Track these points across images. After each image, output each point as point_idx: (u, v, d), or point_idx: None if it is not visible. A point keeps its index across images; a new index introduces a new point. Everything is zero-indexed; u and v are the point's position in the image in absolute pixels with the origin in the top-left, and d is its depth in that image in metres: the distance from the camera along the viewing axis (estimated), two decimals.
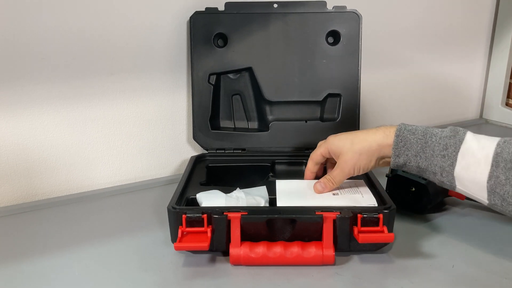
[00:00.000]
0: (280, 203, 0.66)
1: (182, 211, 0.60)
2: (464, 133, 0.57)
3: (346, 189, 0.69)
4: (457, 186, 0.57)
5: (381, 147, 0.62)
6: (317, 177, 0.72)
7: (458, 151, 0.56)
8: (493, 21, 1.25)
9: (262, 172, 0.83)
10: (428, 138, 0.59)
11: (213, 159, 0.86)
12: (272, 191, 0.71)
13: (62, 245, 0.66)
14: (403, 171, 0.74)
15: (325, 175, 0.68)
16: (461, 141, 0.56)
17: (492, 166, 0.54)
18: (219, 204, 0.65)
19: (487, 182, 0.54)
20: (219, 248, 0.61)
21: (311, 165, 0.71)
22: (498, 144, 0.55)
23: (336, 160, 0.67)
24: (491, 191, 0.54)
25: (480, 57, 1.28)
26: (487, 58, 1.29)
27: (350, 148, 0.63)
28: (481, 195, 0.55)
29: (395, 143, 0.60)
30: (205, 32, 0.86)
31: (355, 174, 0.65)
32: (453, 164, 0.56)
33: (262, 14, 0.86)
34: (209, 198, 0.67)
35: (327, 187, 0.67)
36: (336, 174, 0.66)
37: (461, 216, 0.74)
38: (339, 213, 0.60)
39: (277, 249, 0.59)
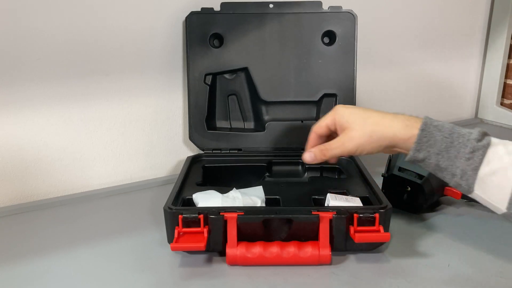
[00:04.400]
0: None
1: (179, 212, 0.60)
2: (490, 137, 0.55)
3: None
4: (474, 191, 0.54)
5: (397, 138, 0.57)
6: None
7: (485, 155, 0.53)
8: (488, 21, 1.26)
9: (258, 172, 0.83)
10: (454, 138, 0.55)
11: (209, 159, 0.86)
12: (268, 191, 0.71)
13: (58, 246, 0.66)
14: (399, 171, 0.74)
15: (320, 145, 0.61)
16: (488, 144, 0.53)
17: None
18: (216, 204, 0.65)
19: None
20: (215, 249, 0.61)
21: (314, 138, 0.64)
22: None
23: (338, 134, 0.61)
24: None
25: (475, 57, 1.28)
26: (482, 57, 1.29)
27: (362, 126, 0.58)
28: (501, 202, 0.53)
29: (418, 137, 0.55)
30: (201, 32, 0.86)
31: (355, 155, 0.58)
32: (477, 168, 0.53)
33: (258, 14, 0.86)
34: (206, 199, 0.66)
35: (317, 158, 0.61)
36: (334, 147, 0.59)
37: (456, 215, 0.74)
38: (335, 213, 0.60)
39: (274, 249, 0.59)
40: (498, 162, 0.52)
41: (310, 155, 0.62)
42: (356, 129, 0.58)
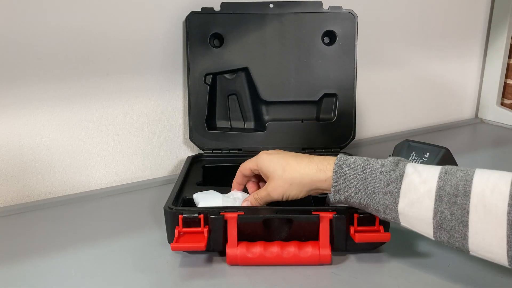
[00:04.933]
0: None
1: (179, 212, 0.60)
2: (404, 166, 0.54)
3: None
4: (401, 223, 0.55)
5: (314, 181, 0.59)
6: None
7: (400, 187, 0.53)
8: (488, 21, 1.26)
9: None
10: (368, 173, 0.55)
11: (209, 159, 0.86)
12: None
13: (58, 246, 0.66)
14: None
15: (253, 193, 0.65)
16: (402, 175, 0.53)
17: (436, 201, 0.51)
18: (216, 204, 0.65)
19: (433, 219, 0.51)
20: (215, 248, 0.61)
21: (240, 178, 0.68)
22: (439, 177, 0.52)
23: (265, 179, 0.64)
24: (437, 227, 0.51)
25: (475, 57, 1.28)
26: (482, 57, 1.29)
27: (281, 175, 0.60)
28: (427, 231, 0.53)
29: (334, 180, 0.57)
30: (201, 32, 0.86)
31: (284, 200, 0.62)
32: (396, 201, 0.53)
33: (258, 14, 0.86)
34: (206, 199, 0.66)
35: (253, 205, 0.64)
36: (264, 196, 0.62)
37: None
38: (335, 213, 0.60)
39: (274, 249, 0.59)
40: (414, 193, 0.52)
41: (247, 204, 0.65)
42: (277, 178, 0.61)
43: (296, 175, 0.59)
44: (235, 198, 0.67)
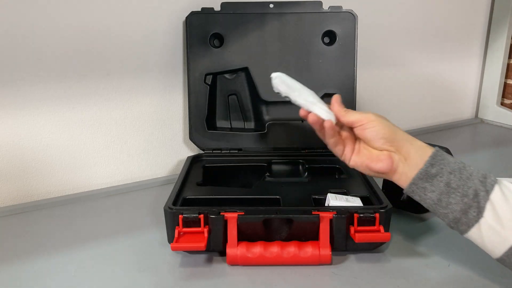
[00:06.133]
0: None
1: (179, 212, 0.60)
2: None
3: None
4: (484, 216, 0.52)
5: (406, 138, 0.57)
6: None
7: (496, 183, 0.53)
8: (488, 21, 1.26)
9: (259, 172, 0.83)
10: (466, 165, 0.55)
11: (209, 159, 0.86)
12: (268, 192, 0.71)
13: (58, 246, 0.66)
14: None
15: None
16: (497, 181, 0.54)
17: None
18: (298, 91, 0.65)
19: None
20: (215, 248, 0.61)
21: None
22: None
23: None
24: None
25: (475, 57, 1.28)
26: (482, 57, 1.29)
27: (377, 115, 0.60)
28: (502, 242, 0.51)
29: (433, 154, 0.55)
30: (201, 32, 0.86)
31: (357, 134, 0.60)
32: (489, 193, 0.52)
33: (258, 14, 0.86)
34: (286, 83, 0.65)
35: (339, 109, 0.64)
36: (351, 111, 0.62)
37: None
38: (335, 213, 0.60)
39: (274, 249, 0.59)
40: (509, 193, 0.52)
41: (337, 102, 0.65)
42: (372, 113, 0.60)
43: (391, 124, 0.60)
44: (312, 102, 0.66)
